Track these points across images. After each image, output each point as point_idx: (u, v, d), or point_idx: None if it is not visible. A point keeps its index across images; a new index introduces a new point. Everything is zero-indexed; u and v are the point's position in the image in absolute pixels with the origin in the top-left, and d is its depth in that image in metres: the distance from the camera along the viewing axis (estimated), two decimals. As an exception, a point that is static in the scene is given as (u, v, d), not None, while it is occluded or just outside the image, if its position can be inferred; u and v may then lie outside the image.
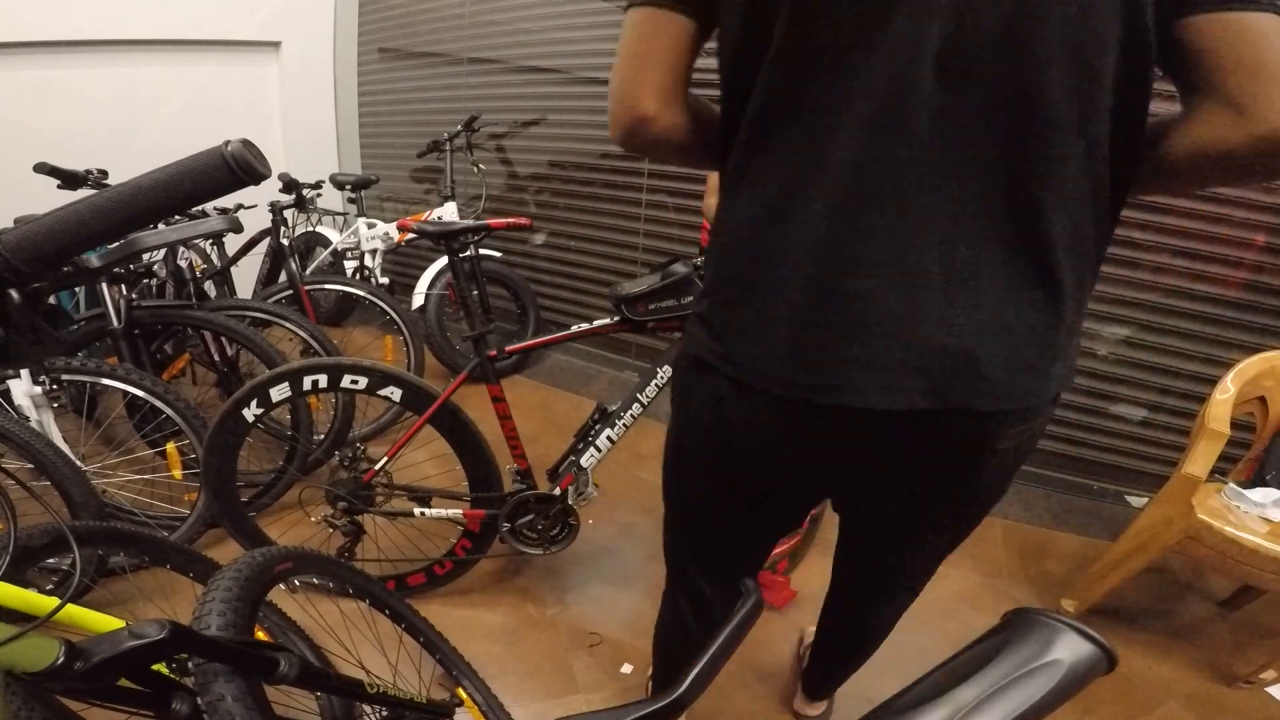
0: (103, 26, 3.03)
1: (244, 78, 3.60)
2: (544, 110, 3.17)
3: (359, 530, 1.60)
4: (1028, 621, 0.33)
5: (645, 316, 1.47)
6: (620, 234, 3.05)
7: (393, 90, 3.79)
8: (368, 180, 3.15)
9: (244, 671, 0.64)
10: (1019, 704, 0.30)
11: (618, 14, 2.93)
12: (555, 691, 1.46)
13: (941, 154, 0.59)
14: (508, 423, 1.56)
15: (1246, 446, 1.77)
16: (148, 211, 0.46)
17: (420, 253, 3.65)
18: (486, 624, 1.62)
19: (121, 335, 1.73)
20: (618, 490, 2.19)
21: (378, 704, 0.89)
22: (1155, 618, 1.77)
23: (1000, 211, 0.60)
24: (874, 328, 0.62)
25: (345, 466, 1.56)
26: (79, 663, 0.54)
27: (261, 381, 1.45)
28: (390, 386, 1.47)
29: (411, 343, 2.52)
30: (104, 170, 2.12)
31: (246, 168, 0.45)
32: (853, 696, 1.45)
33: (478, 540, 1.63)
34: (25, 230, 0.44)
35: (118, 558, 1.39)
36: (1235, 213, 2.00)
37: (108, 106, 3.13)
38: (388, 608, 1.15)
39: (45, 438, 1.41)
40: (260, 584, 0.79)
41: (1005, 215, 0.60)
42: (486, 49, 3.29)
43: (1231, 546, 1.42)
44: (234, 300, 2.54)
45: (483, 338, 1.52)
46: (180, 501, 1.86)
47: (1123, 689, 1.52)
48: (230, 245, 2.78)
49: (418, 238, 3.08)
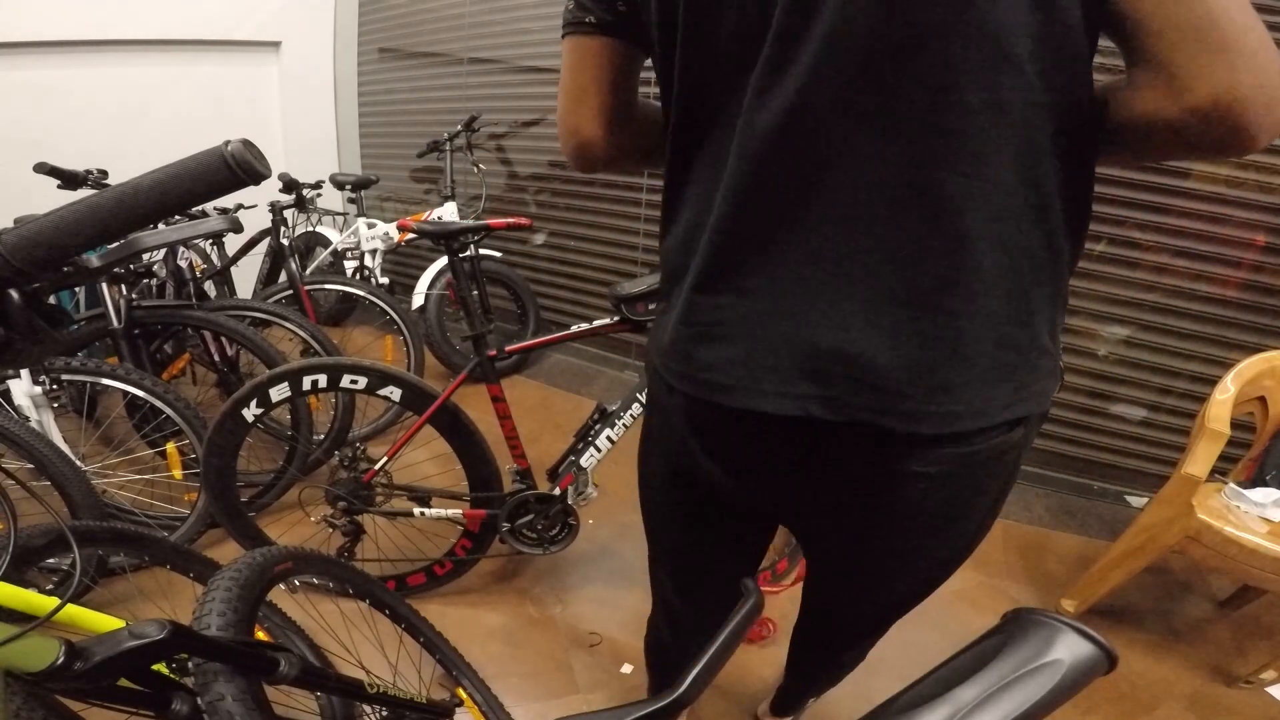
0: (102, 26, 3.03)
1: (244, 78, 3.60)
2: (544, 110, 3.17)
3: (359, 530, 1.60)
4: (1028, 621, 0.33)
5: (645, 316, 1.47)
6: (620, 234, 3.05)
7: (393, 90, 3.79)
8: (368, 180, 3.16)
9: (244, 671, 0.64)
10: (1019, 704, 0.30)
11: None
12: (555, 691, 1.45)
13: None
14: (507, 423, 1.56)
15: (1246, 446, 1.77)
16: (148, 211, 0.46)
17: (420, 253, 3.65)
18: (486, 624, 1.62)
19: (121, 335, 1.73)
20: (617, 490, 2.19)
21: (378, 704, 0.89)
22: (1155, 618, 1.77)
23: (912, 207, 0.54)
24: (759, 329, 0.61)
25: (345, 466, 1.56)
26: (79, 663, 0.54)
27: (261, 381, 1.45)
28: (390, 386, 1.47)
29: (411, 343, 2.52)
30: (104, 170, 2.12)
31: (246, 168, 0.45)
32: (853, 697, 1.45)
33: (477, 540, 1.63)
34: (25, 230, 0.44)
35: (118, 558, 1.39)
36: (1235, 213, 2.00)
37: (108, 106, 3.13)
38: (388, 608, 1.15)
39: (45, 438, 1.41)
40: (260, 584, 0.79)
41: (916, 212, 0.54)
42: (486, 49, 3.29)
43: (1231, 546, 1.42)
44: (234, 300, 2.54)
45: (483, 338, 1.52)
46: (180, 501, 1.86)
47: (1123, 689, 1.52)
48: (230, 245, 2.78)
49: (418, 238, 3.08)
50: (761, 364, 0.61)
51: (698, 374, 0.66)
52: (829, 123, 0.54)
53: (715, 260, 0.62)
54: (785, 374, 0.60)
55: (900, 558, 0.75)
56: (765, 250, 0.59)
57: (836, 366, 0.58)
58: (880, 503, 0.66)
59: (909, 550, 0.73)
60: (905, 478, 0.63)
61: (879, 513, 0.68)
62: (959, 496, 0.66)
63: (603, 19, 0.66)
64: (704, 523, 0.84)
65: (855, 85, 0.52)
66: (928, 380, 0.57)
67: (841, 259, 0.56)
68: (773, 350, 0.60)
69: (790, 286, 0.59)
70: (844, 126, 0.53)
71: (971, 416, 0.58)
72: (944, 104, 0.51)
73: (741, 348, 0.62)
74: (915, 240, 0.54)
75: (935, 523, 0.68)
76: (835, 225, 0.56)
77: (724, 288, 0.63)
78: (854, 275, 0.56)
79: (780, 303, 0.59)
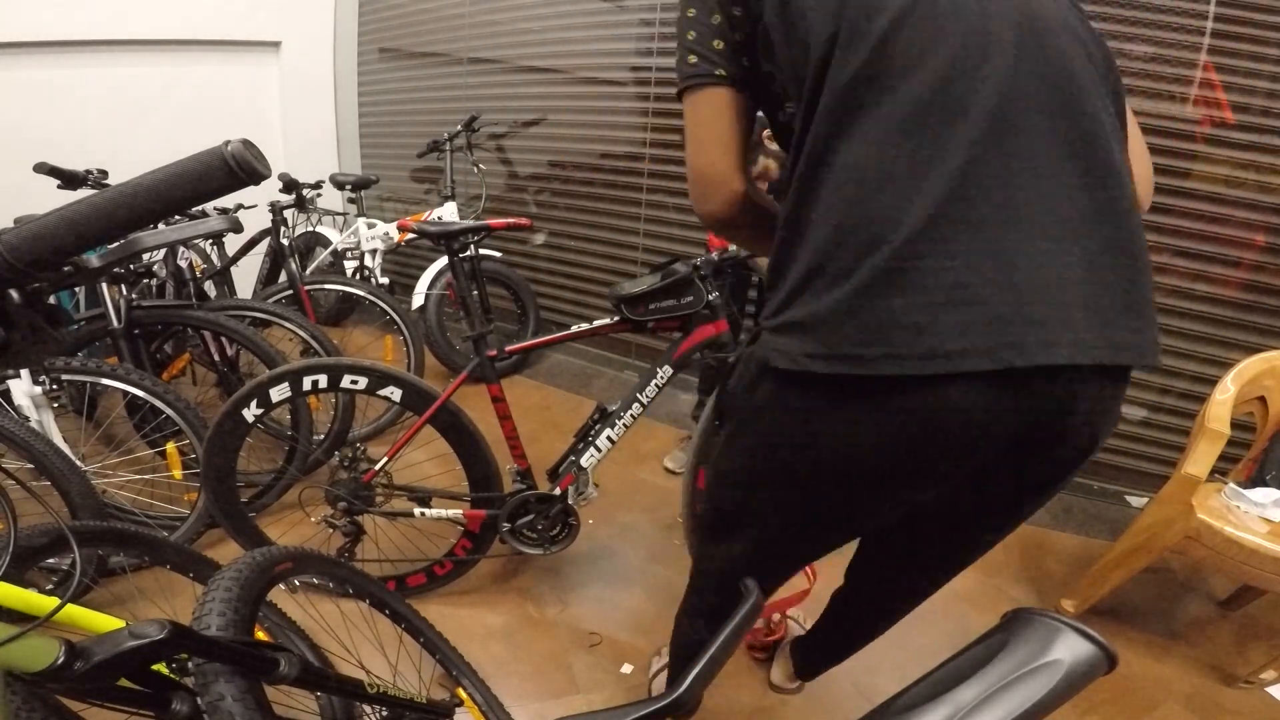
0: (103, 26, 3.03)
1: (244, 78, 3.60)
2: (544, 110, 3.17)
3: (359, 530, 1.60)
4: (1028, 621, 0.34)
5: (645, 316, 1.47)
6: (620, 234, 3.05)
7: (393, 90, 3.79)
8: (368, 180, 3.16)
9: (244, 671, 0.64)
10: (1019, 704, 0.30)
11: (618, 14, 2.93)
12: (555, 691, 1.46)
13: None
14: (508, 423, 1.56)
15: (1246, 446, 1.77)
16: (148, 211, 0.46)
17: (420, 253, 3.65)
18: (486, 624, 1.62)
19: (121, 335, 1.73)
20: (618, 490, 2.19)
21: (378, 704, 0.89)
22: (1155, 618, 1.77)
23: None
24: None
25: (345, 467, 1.56)
26: (79, 663, 0.54)
27: (261, 382, 1.45)
28: (390, 387, 1.47)
29: (411, 343, 2.52)
30: (104, 170, 2.12)
31: (247, 168, 0.45)
32: (853, 697, 1.45)
33: (478, 540, 1.63)
34: (25, 230, 0.44)
35: (118, 558, 1.39)
36: (1235, 213, 2.01)
37: (108, 106, 3.13)
38: (388, 608, 1.15)
39: (45, 438, 1.41)
40: (260, 584, 0.79)
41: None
42: (486, 49, 3.29)
43: (1231, 546, 1.42)
44: (234, 300, 2.54)
45: (483, 338, 1.52)
46: (180, 501, 1.86)
47: (1123, 689, 1.52)
48: (230, 245, 2.78)
49: (418, 238, 3.07)
50: (1031, 318, 0.61)
51: (946, 344, 0.61)
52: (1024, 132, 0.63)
53: (932, 236, 0.61)
54: (1052, 325, 0.61)
55: (1033, 507, 0.79)
56: (981, 227, 0.62)
57: (1078, 313, 0.62)
58: (1065, 452, 0.70)
59: (1040, 502, 0.78)
60: (1092, 417, 0.67)
61: (1052, 463, 0.71)
62: (1105, 433, 0.71)
63: (733, 73, 0.75)
64: (846, 521, 0.82)
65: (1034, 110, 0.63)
66: (1131, 322, 0.64)
67: (1047, 227, 0.62)
68: (1031, 303, 0.61)
69: (1017, 256, 0.62)
70: (1029, 137, 0.63)
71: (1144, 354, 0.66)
72: (1084, 116, 0.64)
73: (1001, 306, 0.61)
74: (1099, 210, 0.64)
75: (1079, 462, 0.72)
76: (1030, 191, 0.62)
77: (952, 256, 0.61)
78: (1065, 239, 0.62)
79: (1015, 267, 0.61)
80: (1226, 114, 2.01)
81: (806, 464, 0.75)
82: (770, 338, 0.72)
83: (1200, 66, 2.01)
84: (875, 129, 0.63)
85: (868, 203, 0.63)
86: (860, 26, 0.64)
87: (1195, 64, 2.01)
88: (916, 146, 0.62)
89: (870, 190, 0.63)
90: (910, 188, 0.62)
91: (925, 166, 0.62)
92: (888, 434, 0.67)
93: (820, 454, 0.73)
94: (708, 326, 1.48)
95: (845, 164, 0.65)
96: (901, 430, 0.66)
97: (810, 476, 0.76)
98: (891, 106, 0.63)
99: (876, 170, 0.63)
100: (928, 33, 0.63)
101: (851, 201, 0.64)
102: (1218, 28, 1.97)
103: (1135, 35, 2.04)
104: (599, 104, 3.00)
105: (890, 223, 0.62)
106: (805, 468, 0.76)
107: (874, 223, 0.63)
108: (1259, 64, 1.96)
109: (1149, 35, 2.03)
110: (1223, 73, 2.00)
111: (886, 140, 0.63)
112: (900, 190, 0.62)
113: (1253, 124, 1.99)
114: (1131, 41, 2.05)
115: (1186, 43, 2.00)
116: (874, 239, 0.63)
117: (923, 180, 0.61)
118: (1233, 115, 2.00)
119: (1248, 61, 1.97)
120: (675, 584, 1.80)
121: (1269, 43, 1.93)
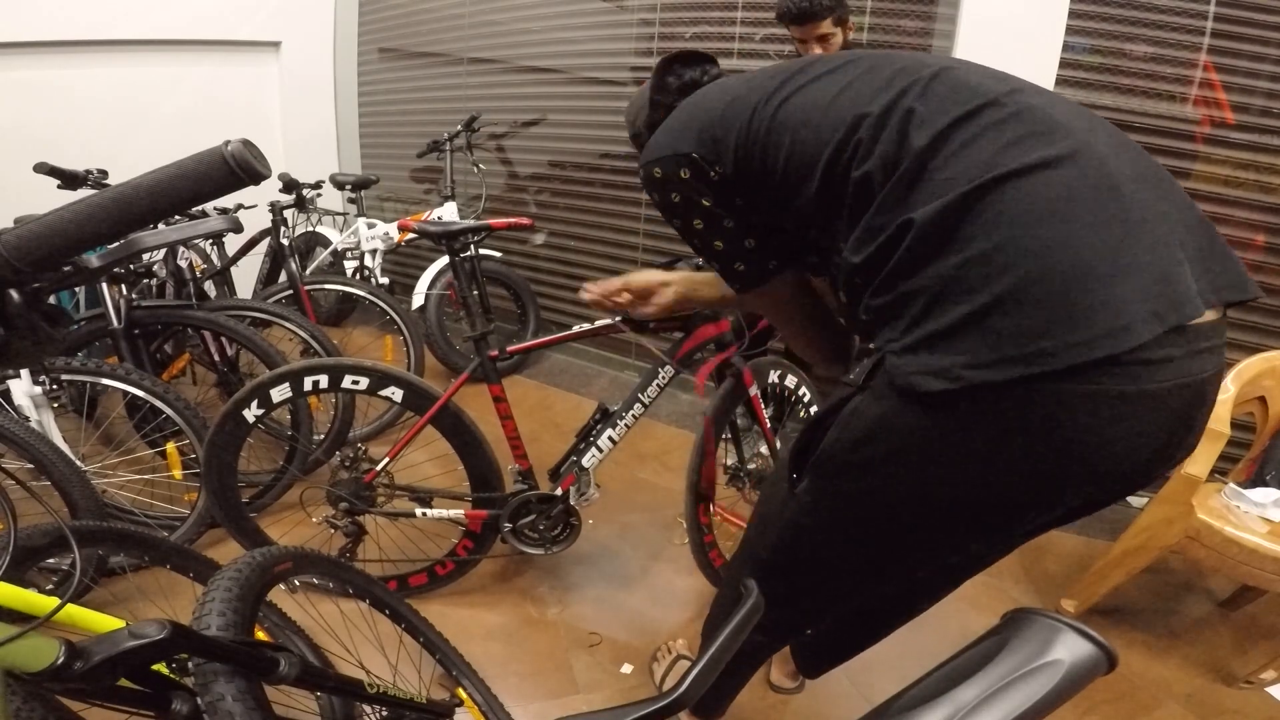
0: (103, 26, 3.03)
1: (244, 78, 3.60)
2: (544, 110, 3.17)
3: (360, 531, 1.60)
4: (1028, 621, 0.34)
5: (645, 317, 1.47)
6: (620, 234, 3.05)
7: (393, 90, 3.79)
8: (368, 180, 3.16)
9: (244, 671, 0.64)
10: (1019, 704, 0.30)
11: (617, 14, 2.93)
12: (555, 691, 1.46)
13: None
14: (509, 423, 1.56)
15: (1246, 446, 1.77)
16: (148, 211, 0.46)
17: (420, 253, 3.65)
18: (486, 624, 1.62)
19: (121, 335, 1.73)
20: (619, 490, 2.19)
21: (378, 704, 0.89)
22: (1155, 618, 1.77)
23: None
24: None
25: (346, 467, 1.56)
26: (79, 663, 0.54)
27: (262, 382, 1.45)
28: (391, 387, 1.48)
29: (412, 343, 2.52)
30: (104, 170, 2.12)
31: (247, 168, 0.45)
32: (853, 697, 1.45)
33: (479, 540, 1.63)
34: (25, 230, 0.44)
35: (118, 558, 1.40)
36: (1235, 213, 2.00)
37: (108, 106, 3.13)
38: (388, 608, 1.15)
39: (45, 438, 1.41)
40: (260, 584, 0.79)
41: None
42: (486, 49, 3.29)
43: (1231, 546, 1.42)
44: (234, 300, 2.54)
45: (484, 338, 1.52)
46: (180, 501, 1.86)
47: (1123, 689, 1.52)
48: (230, 245, 2.78)
49: (418, 238, 3.08)
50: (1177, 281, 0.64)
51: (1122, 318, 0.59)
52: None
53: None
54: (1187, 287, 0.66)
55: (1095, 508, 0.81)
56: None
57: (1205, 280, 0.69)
58: (1192, 441, 0.73)
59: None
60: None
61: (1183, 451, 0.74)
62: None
63: (784, 261, 0.89)
64: (1004, 533, 0.82)
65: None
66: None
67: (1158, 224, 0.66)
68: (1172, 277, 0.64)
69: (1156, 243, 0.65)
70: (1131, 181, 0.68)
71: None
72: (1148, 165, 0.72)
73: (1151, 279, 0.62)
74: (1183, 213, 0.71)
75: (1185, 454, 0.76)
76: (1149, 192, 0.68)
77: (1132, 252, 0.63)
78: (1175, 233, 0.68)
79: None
80: (1226, 114, 2.01)
81: (993, 497, 0.69)
82: (905, 360, 0.65)
83: (1200, 66, 2.01)
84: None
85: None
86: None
87: (1195, 64, 2.01)
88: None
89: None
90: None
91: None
92: (1134, 430, 0.62)
93: (1016, 478, 0.67)
94: (709, 326, 1.48)
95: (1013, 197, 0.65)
96: (1153, 416, 0.63)
97: (996, 506, 0.70)
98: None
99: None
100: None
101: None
102: (1218, 28, 1.97)
103: (1135, 35, 2.04)
104: (599, 104, 3.00)
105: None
106: (991, 500, 0.70)
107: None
108: (1259, 64, 1.96)
109: (1149, 35, 2.03)
110: (1223, 73, 2.00)
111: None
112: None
113: (1253, 124, 1.99)
114: (1131, 41, 2.05)
115: (1186, 43, 2.00)
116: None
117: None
118: (1233, 115, 2.00)
119: (1248, 61, 1.97)
120: (676, 584, 1.81)
121: (1269, 43, 1.93)
